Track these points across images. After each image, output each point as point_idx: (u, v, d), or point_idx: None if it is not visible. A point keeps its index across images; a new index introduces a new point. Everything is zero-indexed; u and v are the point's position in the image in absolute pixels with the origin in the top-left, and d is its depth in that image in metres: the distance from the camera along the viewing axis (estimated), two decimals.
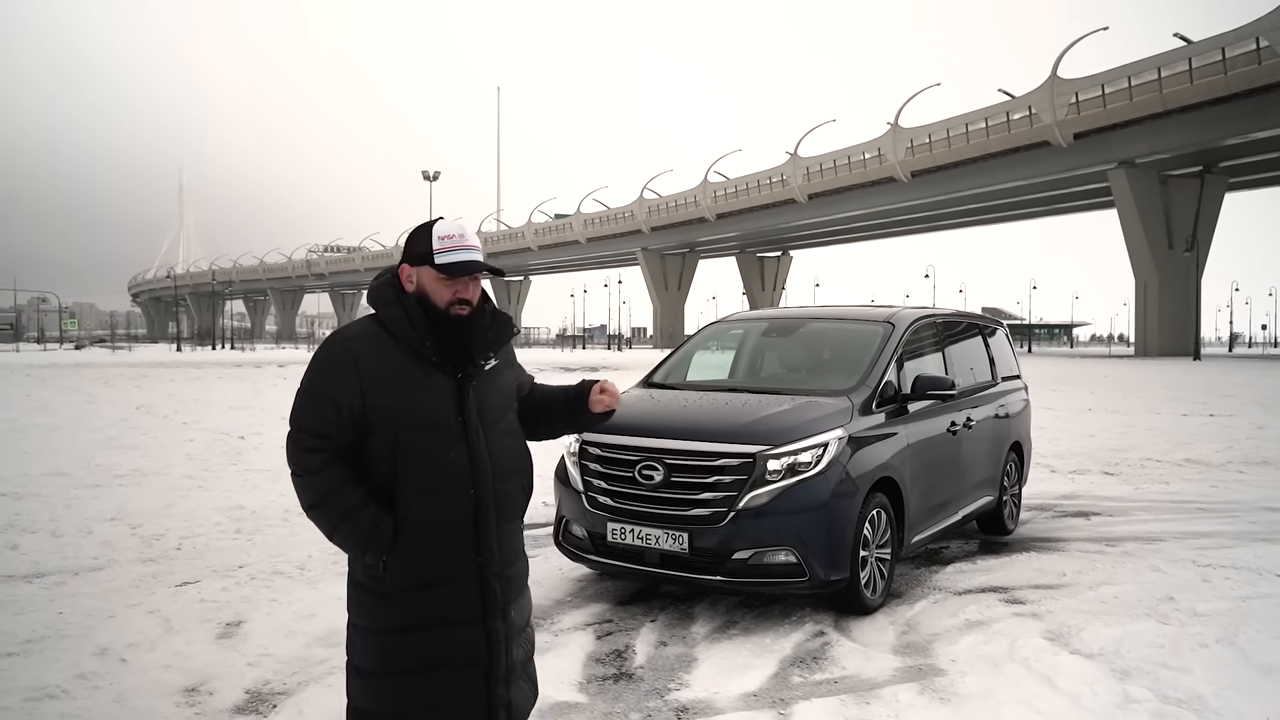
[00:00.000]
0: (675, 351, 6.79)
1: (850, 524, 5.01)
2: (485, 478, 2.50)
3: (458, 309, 2.51)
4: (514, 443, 2.66)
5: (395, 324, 2.49)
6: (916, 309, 6.63)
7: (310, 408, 2.47)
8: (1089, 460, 11.87)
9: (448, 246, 2.50)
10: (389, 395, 2.42)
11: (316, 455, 2.44)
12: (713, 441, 5.00)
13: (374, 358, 2.44)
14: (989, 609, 5.34)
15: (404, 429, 2.43)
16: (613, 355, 65.97)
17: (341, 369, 2.45)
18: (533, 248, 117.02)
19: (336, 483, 2.43)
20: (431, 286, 2.51)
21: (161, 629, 4.82)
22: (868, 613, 5.21)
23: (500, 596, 2.54)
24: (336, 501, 2.43)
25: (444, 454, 2.45)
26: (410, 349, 2.48)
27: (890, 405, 5.65)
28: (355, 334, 2.52)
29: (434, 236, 2.52)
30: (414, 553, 2.47)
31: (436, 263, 2.49)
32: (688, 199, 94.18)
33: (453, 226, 2.56)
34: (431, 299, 2.51)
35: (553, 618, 5.14)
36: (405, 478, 2.43)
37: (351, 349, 2.47)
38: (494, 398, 2.60)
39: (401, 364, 2.46)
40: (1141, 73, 54.45)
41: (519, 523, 2.69)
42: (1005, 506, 7.38)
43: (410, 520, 2.44)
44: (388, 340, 2.48)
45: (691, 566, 4.97)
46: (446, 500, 2.46)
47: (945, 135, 67.23)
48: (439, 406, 2.47)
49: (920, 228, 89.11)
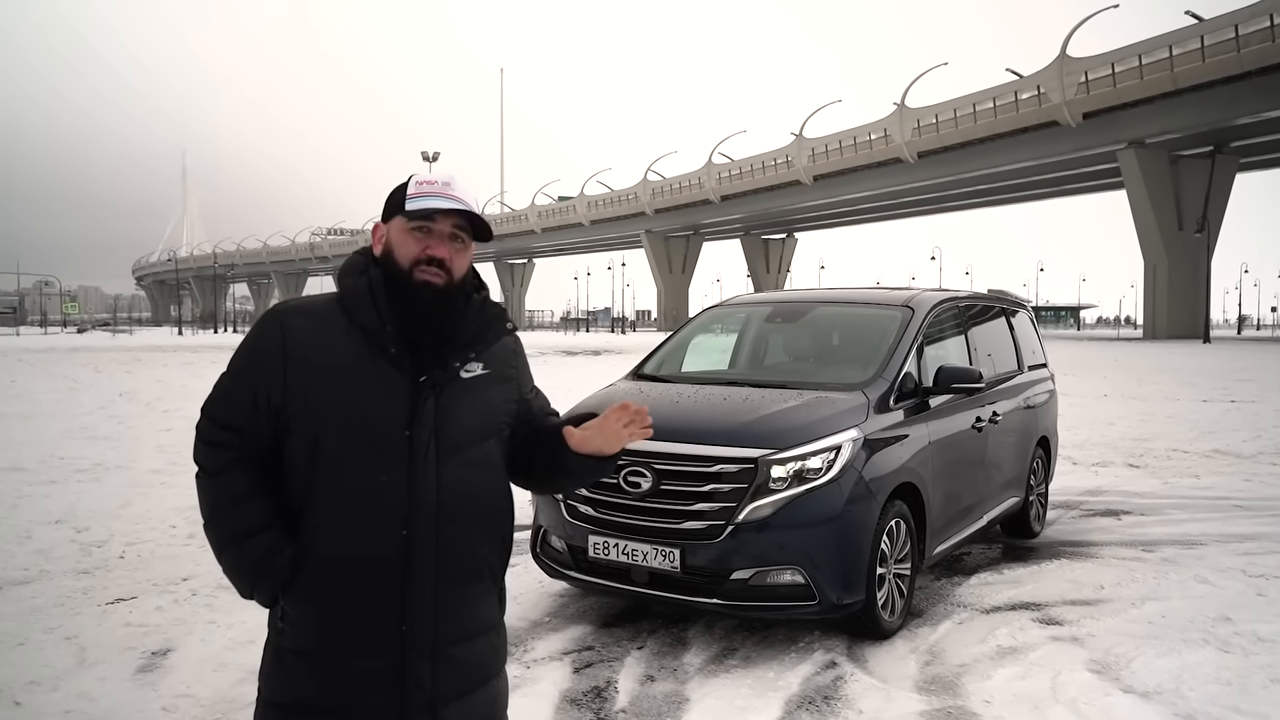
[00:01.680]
0: (669, 339, 6.13)
1: (866, 538, 4.37)
2: (426, 515, 1.86)
3: (424, 271, 1.90)
4: (480, 478, 1.98)
5: (353, 298, 1.92)
6: (937, 291, 5.96)
7: (224, 392, 1.94)
8: (1111, 451, 11.22)
9: (424, 191, 1.92)
10: (318, 386, 1.86)
11: (220, 452, 1.90)
12: (708, 444, 4.36)
13: (312, 338, 1.89)
14: (1023, 632, 4.70)
15: (328, 433, 1.85)
16: (616, 338, 65.31)
17: (267, 347, 1.90)
18: (536, 230, 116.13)
19: (235, 491, 1.89)
20: (398, 240, 1.93)
21: (74, 660, 4.20)
22: (885, 637, 4.58)
23: (429, 686, 1.87)
24: (229, 515, 1.89)
25: (372, 474, 1.85)
26: (364, 331, 1.89)
27: (909, 400, 5.00)
28: (298, 307, 1.97)
29: (411, 183, 1.96)
30: (317, 603, 1.86)
31: (406, 208, 1.92)
32: (692, 181, 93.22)
33: (439, 174, 1.98)
34: (395, 257, 1.93)
35: (526, 644, 4.51)
36: (317, 498, 1.86)
37: (286, 324, 1.91)
38: (467, 416, 1.95)
39: (347, 350, 1.88)
40: (1153, 51, 53.46)
41: (481, 587, 1.99)
42: (1032, 507, 6.73)
43: (315, 557, 1.86)
44: (339, 319, 1.91)
45: (684, 587, 4.34)
46: (367, 537, 1.85)
47: (952, 115, 66.20)
48: (383, 411, 1.86)
49: (927, 209, 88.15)
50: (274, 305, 1.96)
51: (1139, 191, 56.94)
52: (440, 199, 1.91)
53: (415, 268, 1.89)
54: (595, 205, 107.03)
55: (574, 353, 38.15)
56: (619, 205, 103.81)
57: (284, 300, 1.97)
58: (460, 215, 1.94)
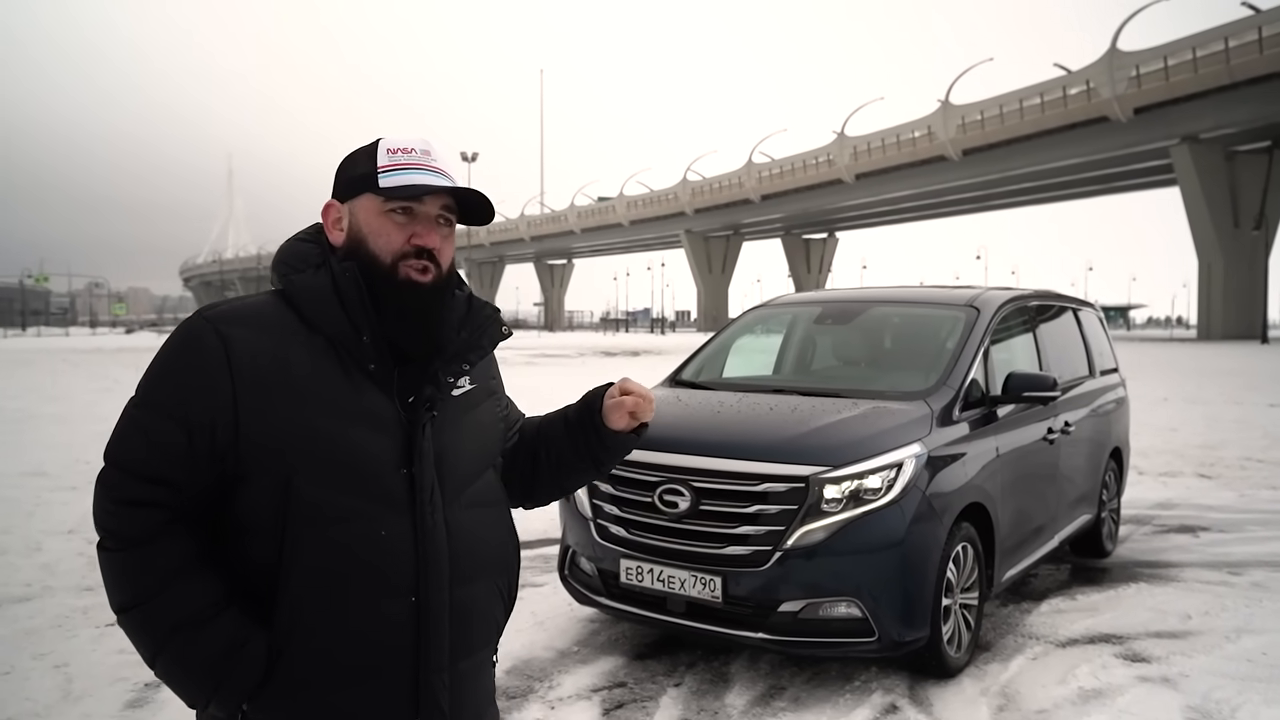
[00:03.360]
0: (710, 342, 5.67)
1: (931, 566, 3.89)
2: (438, 574, 1.48)
3: (411, 267, 1.50)
4: (489, 520, 1.63)
5: (312, 300, 1.48)
6: (1004, 290, 5.45)
7: (141, 431, 1.43)
8: (1178, 459, 10.57)
9: (402, 163, 1.51)
10: (284, 418, 1.42)
11: (143, 514, 1.41)
12: (754, 460, 3.90)
13: (265, 351, 1.43)
14: (1106, 670, 4.20)
15: (305, 479, 1.41)
16: (656, 339, 64.92)
17: (204, 366, 1.42)
18: (576, 230, 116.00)
19: (173, 564, 1.41)
20: (372, 226, 1.51)
21: (59, 693, 3.85)
22: (950, 676, 4.10)
23: None
24: (168, 598, 1.39)
25: (370, 530, 1.44)
26: (333, 345, 1.47)
27: (976, 410, 4.51)
28: (235, 313, 1.48)
29: (380, 150, 1.53)
30: (303, 708, 1.44)
31: (381, 185, 1.49)
32: (732, 180, 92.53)
33: (413, 138, 1.55)
34: (370, 249, 1.50)
35: (552, 678, 4.10)
36: (296, 566, 1.41)
37: (227, 335, 1.43)
38: (465, 441, 1.59)
39: (313, 366, 1.45)
40: (1208, 43, 51.99)
41: (489, 653, 1.65)
42: (1104, 524, 6.20)
43: (301, 645, 1.42)
44: (294, 327, 1.47)
45: (726, 619, 3.89)
46: (369, 612, 1.44)
47: (998, 112, 64.95)
48: (372, 446, 1.45)
49: (971, 207, 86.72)
50: (199, 310, 1.50)
51: (1193, 188, 55.39)
52: (426, 173, 1.50)
53: (400, 262, 1.49)
54: (634, 205, 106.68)
55: (613, 353, 37.80)
56: (658, 205, 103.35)
57: (211, 304, 1.51)
58: (450, 195, 1.53)
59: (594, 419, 1.74)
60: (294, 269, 1.52)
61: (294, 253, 1.55)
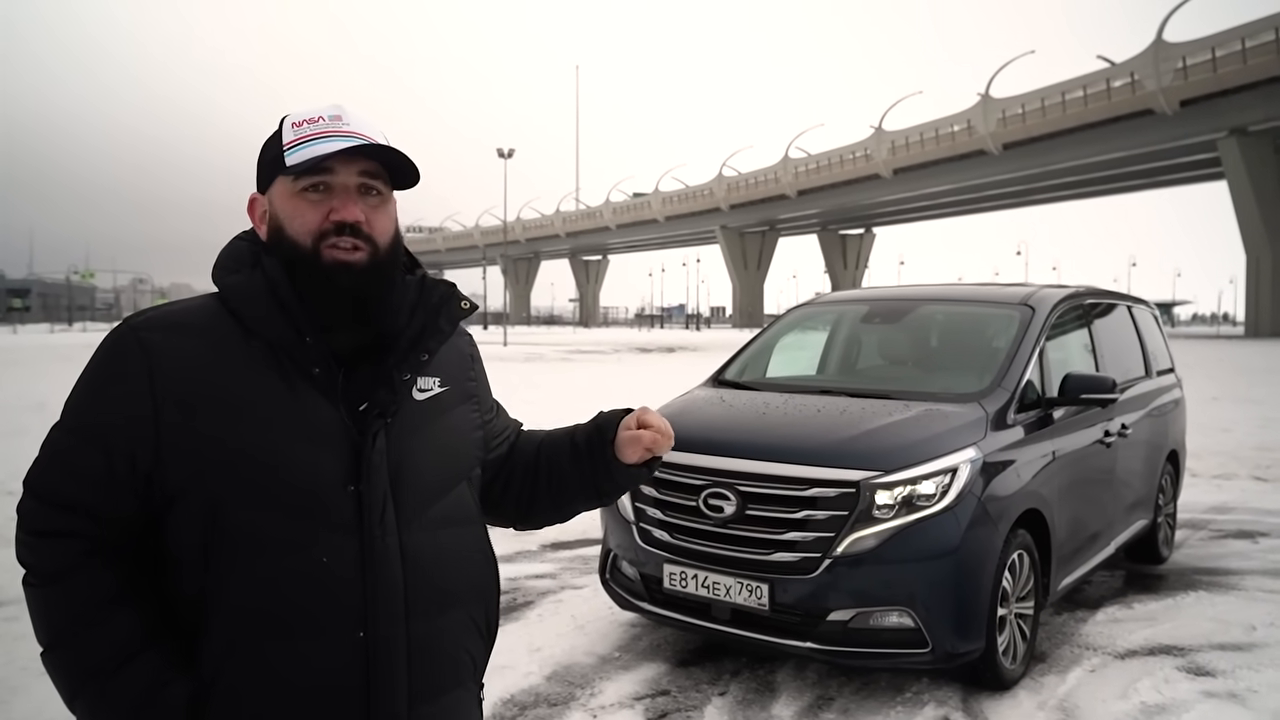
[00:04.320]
0: (753, 341, 5.55)
1: (987, 575, 3.75)
2: (390, 606, 1.32)
3: (335, 247, 1.33)
4: (457, 541, 1.44)
5: (245, 302, 1.33)
6: (1058, 288, 5.28)
7: (58, 456, 1.31)
8: (1232, 461, 10.27)
9: (308, 134, 1.34)
10: (210, 436, 1.27)
11: (60, 545, 1.28)
12: (802, 464, 3.78)
13: (191, 362, 1.29)
14: (1169, 685, 4.03)
15: (234, 503, 1.27)
16: (691, 335, 64.75)
17: (122, 382, 1.29)
18: (611, 227, 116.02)
19: (90, 599, 1.27)
20: (286, 210, 1.35)
21: None
22: (1006, 688, 3.96)
23: None
24: (85, 637, 1.26)
25: (307, 558, 1.28)
26: (273, 350, 1.32)
27: (1031, 413, 4.36)
28: (160, 319, 1.34)
29: (285, 127, 1.38)
30: None
31: (288, 163, 1.33)
32: (768, 176, 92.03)
33: (323, 106, 1.39)
34: (289, 234, 1.34)
35: (593, 685, 4.01)
36: (225, 599, 1.27)
37: (149, 345, 1.30)
38: (431, 452, 1.40)
39: (248, 376, 1.30)
40: (1257, 34, 50.80)
41: (463, 693, 1.45)
42: (1160, 530, 6.00)
43: (228, 690, 1.27)
44: (229, 332, 1.32)
45: (774, 628, 3.78)
46: (307, 650, 1.28)
47: (1040, 105, 63.97)
48: (314, 461, 1.30)
49: (1011, 202, 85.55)
50: (126, 317, 1.37)
51: (1241, 182, 54.18)
52: (330, 139, 1.33)
53: (321, 244, 1.32)
54: (670, 201, 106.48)
55: (649, 350, 37.71)
56: (694, 201, 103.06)
57: (138, 311, 1.37)
58: (365, 156, 1.35)
59: (605, 449, 1.56)
60: (227, 270, 1.38)
61: (229, 253, 1.40)
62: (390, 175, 1.39)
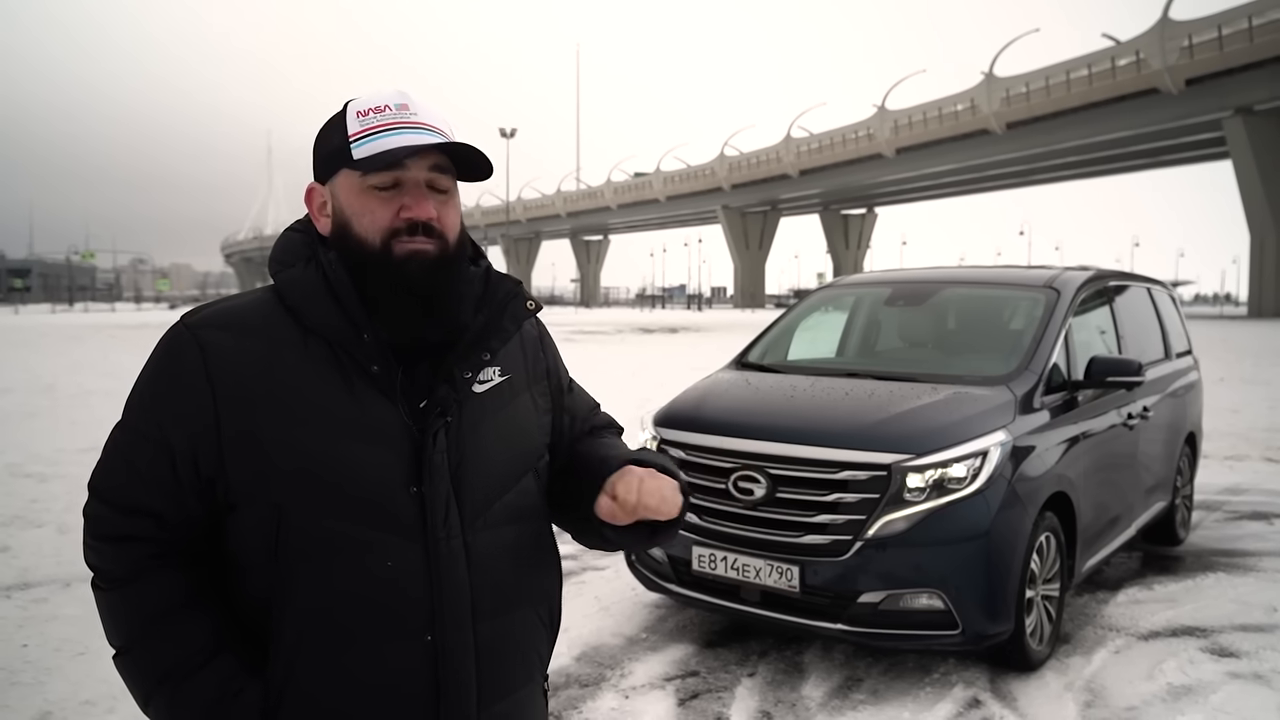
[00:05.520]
0: (776, 323, 5.55)
1: (1016, 558, 3.77)
2: (458, 609, 1.29)
3: (407, 244, 1.28)
4: (523, 538, 1.39)
5: (304, 298, 1.29)
6: (1081, 270, 5.28)
7: (123, 459, 1.28)
8: (1243, 442, 10.29)
9: (375, 125, 1.28)
10: (272, 437, 1.24)
11: (128, 549, 1.26)
12: (833, 447, 3.80)
13: (249, 361, 1.26)
14: (1194, 665, 4.06)
15: (297, 506, 1.24)
16: (693, 315, 64.71)
17: (180, 382, 1.26)
18: (612, 206, 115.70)
19: (161, 604, 1.25)
20: (354, 207, 1.29)
21: None
22: (1033, 669, 3.99)
23: None
24: (156, 642, 1.25)
25: (374, 562, 1.25)
26: (332, 348, 1.28)
27: (1057, 395, 4.37)
28: (218, 317, 1.30)
29: (349, 116, 1.31)
30: None
31: (355, 157, 1.28)
32: (769, 155, 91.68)
33: (386, 93, 1.32)
34: (357, 232, 1.29)
35: (623, 666, 4.04)
36: (290, 604, 1.25)
37: (205, 342, 1.26)
38: (494, 448, 1.35)
39: (306, 374, 1.26)
40: (1264, 11, 50.46)
41: (532, 689, 1.44)
42: (1178, 511, 6.02)
43: (299, 695, 1.26)
44: (286, 330, 1.28)
45: (804, 610, 3.80)
46: (375, 655, 1.26)
47: (1044, 84, 63.64)
48: (375, 464, 1.26)
49: (1014, 182, 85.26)
50: (182, 316, 1.31)
51: (1246, 161, 53.97)
52: (405, 132, 1.27)
53: (392, 241, 1.28)
54: (671, 181, 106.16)
55: (651, 330, 37.69)
56: (695, 180, 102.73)
57: (197, 307, 1.31)
58: (438, 151, 1.30)
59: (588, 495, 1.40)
60: (283, 264, 1.33)
61: (284, 245, 1.36)
62: (458, 167, 1.35)
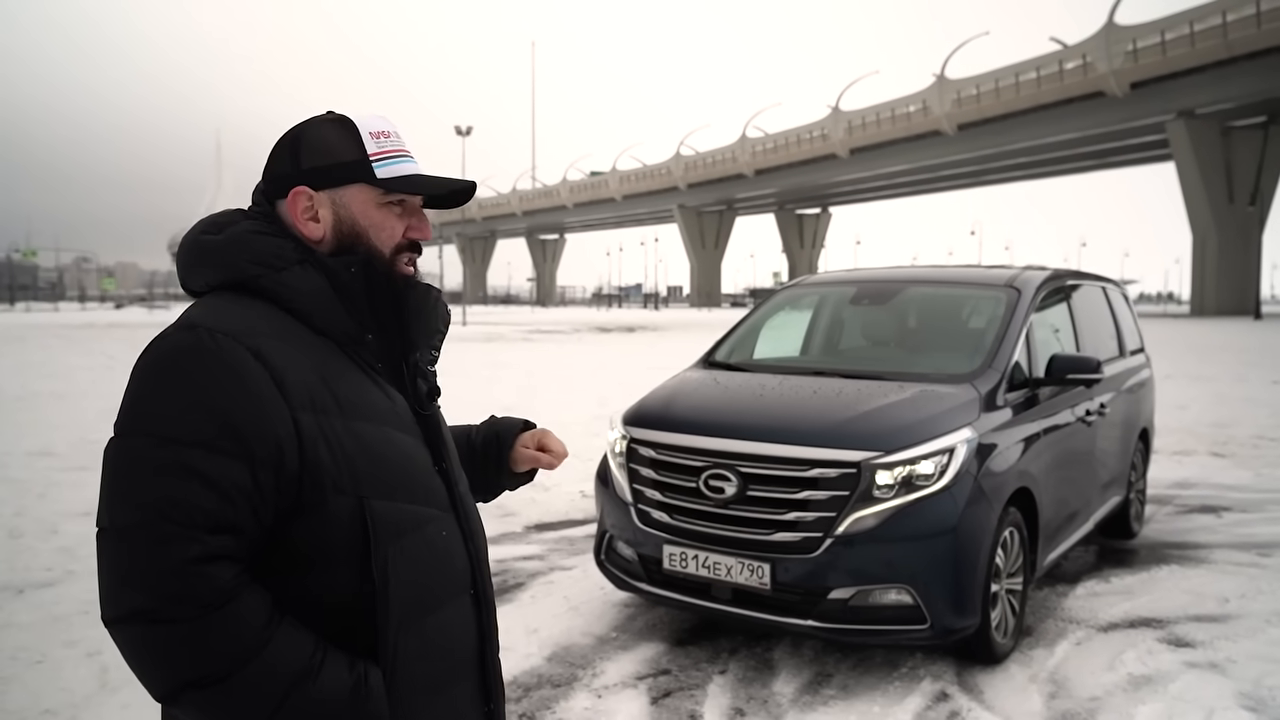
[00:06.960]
0: (741, 323, 5.58)
1: (982, 552, 3.84)
2: (481, 566, 1.51)
3: (404, 262, 1.44)
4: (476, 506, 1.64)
5: (315, 301, 1.34)
6: (1042, 270, 5.38)
7: (189, 475, 1.19)
8: (1190, 438, 10.55)
9: (390, 150, 1.40)
10: (339, 433, 1.29)
11: (218, 570, 1.19)
12: (803, 445, 3.83)
13: (298, 365, 1.28)
14: (1152, 656, 4.16)
15: (379, 493, 1.31)
16: (649, 315, 64.80)
17: (252, 391, 1.23)
18: (568, 205, 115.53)
19: (262, 619, 1.21)
20: (373, 219, 1.40)
21: (95, 683, 3.78)
22: (997, 661, 4.06)
23: None
24: (272, 656, 1.21)
25: (435, 532, 1.40)
26: (341, 348, 1.37)
27: (1019, 393, 4.45)
28: (253, 327, 1.27)
29: (362, 134, 1.39)
30: None
31: (380, 176, 1.38)
32: (725, 155, 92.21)
33: (382, 120, 1.43)
34: (373, 243, 1.40)
35: (594, 665, 4.04)
36: (392, 586, 1.30)
37: (260, 352, 1.25)
38: (447, 431, 1.57)
39: (343, 374, 1.34)
40: (1205, 18, 51.87)
41: None
42: (1132, 506, 6.16)
43: (402, 671, 1.32)
44: (300, 332, 1.33)
45: (775, 606, 3.83)
46: (450, 620, 1.42)
47: (994, 86, 64.78)
48: (410, 448, 1.40)
49: (966, 182, 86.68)
50: (212, 331, 1.25)
51: (1188, 163, 55.41)
52: (412, 162, 1.43)
53: (397, 257, 1.43)
54: (627, 180, 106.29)
55: (609, 329, 37.69)
56: (651, 179, 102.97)
57: (215, 324, 1.26)
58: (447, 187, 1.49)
59: (503, 456, 1.74)
60: (273, 266, 1.33)
61: (265, 249, 1.34)
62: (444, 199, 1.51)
